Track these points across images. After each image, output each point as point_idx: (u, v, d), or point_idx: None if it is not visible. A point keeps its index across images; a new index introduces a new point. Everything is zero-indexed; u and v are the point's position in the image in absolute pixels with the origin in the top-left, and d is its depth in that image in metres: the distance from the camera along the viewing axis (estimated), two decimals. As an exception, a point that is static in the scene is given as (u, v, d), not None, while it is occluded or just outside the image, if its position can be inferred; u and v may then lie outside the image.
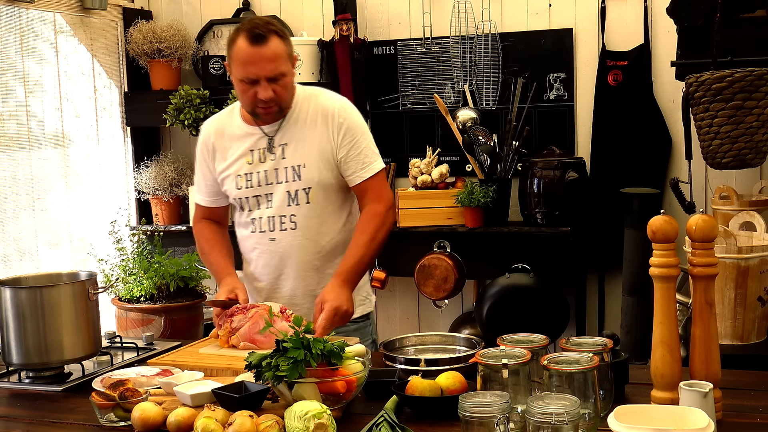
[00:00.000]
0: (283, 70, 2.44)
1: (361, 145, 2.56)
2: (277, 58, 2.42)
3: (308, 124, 2.55)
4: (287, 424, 1.73)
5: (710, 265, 1.86)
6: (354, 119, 2.58)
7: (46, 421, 2.00)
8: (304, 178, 2.54)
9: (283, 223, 2.58)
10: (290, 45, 2.50)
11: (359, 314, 2.65)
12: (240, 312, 2.40)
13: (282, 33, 2.46)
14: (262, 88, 2.43)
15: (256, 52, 2.40)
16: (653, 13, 3.89)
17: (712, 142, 3.22)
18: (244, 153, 2.60)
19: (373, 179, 2.58)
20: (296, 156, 2.55)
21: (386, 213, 2.58)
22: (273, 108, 2.49)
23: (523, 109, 4.04)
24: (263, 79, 2.42)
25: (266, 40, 2.40)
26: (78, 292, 2.30)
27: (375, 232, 2.53)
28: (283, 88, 2.46)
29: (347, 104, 2.62)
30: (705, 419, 1.56)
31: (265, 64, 2.41)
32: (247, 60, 2.41)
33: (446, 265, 3.89)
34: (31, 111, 3.93)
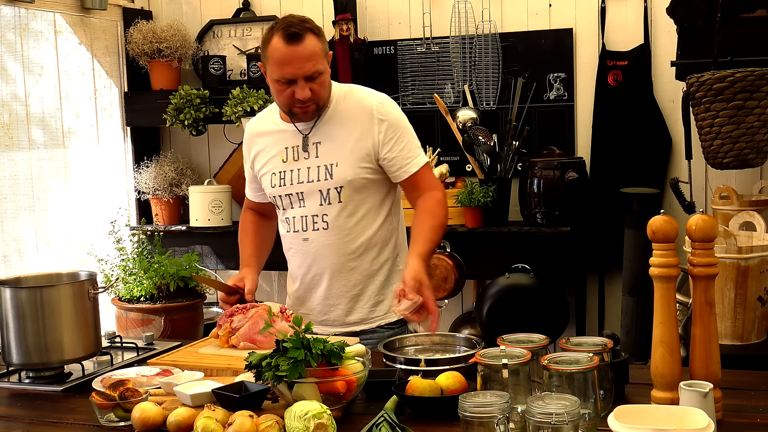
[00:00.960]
0: (320, 68, 2.40)
1: (404, 140, 2.53)
2: (314, 56, 2.38)
3: (344, 121, 2.51)
4: (287, 424, 1.73)
5: (710, 265, 1.86)
6: (394, 114, 2.54)
7: (46, 421, 2.00)
8: (336, 176, 2.50)
9: (315, 223, 2.54)
10: (325, 42, 2.46)
11: (395, 319, 2.60)
12: (240, 312, 2.40)
13: (317, 30, 2.43)
14: (299, 87, 2.40)
15: (292, 51, 2.36)
16: (653, 13, 3.89)
17: (713, 142, 3.22)
18: (280, 151, 2.58)
19: (421, 171, 2.54)
20: (329, 154, 2.51)
21: (443, 200, 2.55)
22: (311, 107, 2.45)
23: (523, 109, 4.04)
24: (301, 79, 2.38)
25: (302, 38, 2.36)
26: (78, 292, 2.30)
27: (443, 217, 2.52)
28: (320, 86, 2.43)
29: (386, 99, 2.58)
30: (705, 419, 1.56)
31: (302, 63, 2.37)
32: (283, 60, 2.37)
33: (446, 265, 3.89)
34: (31, 111, 3.93)
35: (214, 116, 4.23)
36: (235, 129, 4.41)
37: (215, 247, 4.38)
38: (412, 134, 2.57)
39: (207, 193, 4.32)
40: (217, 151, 4.66)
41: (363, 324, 2.61)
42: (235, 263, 4.34)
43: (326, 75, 2.45)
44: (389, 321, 2.61)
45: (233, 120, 4.09)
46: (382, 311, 2.61)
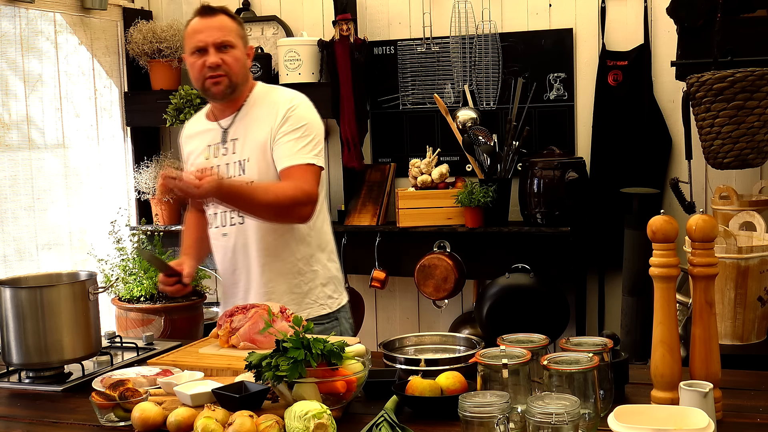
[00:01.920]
0: (231, 40, 2.52)
1: (296, 134, 2.51)
2: (225, 28, 2.53)
3: (258, 118, 2.58)
4: (287, 424, 1.73)
5: (710, 265, 1.86)
6: (301, 113, 2.56)
7: (46, 421, 2.00)
8: (248, 172, 2.55)
9: (233, 218, 2.60)
10: (242, 27, 2.60)
11: (315, 315, 2.62)
12: (240, 312, 2.40)
13: (235, 16, 2.59)
14: (211, 54, 2.51)
15: (204, 22, 2.53)
16: (653, 13, 3.89)
17: (713, 142, 3.22)
18: (204, 149, 2.66)
19: (296, 168, 2.49)
20: (242, 151, 2.57)
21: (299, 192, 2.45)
22: (223, 79, 2.53)
23: (523, 109, 4.04)
24: (211, 46, 2.51)
25: (215, 13, 2.54)
26: (78, 292, 2.30)
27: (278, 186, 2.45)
28: (233, 59, 2.52)
29: (300, 100, 2.60)
30: (705, 419, 1.56)
31: (213, 31, 2.51)
32: (195, 30, 2.54)
33: (446, 265, 3.89)
34: (31, 111, 3.93)
35: (214, 116, 4.23)
36: (235, 129, 4.41)
37: (215, 247, 4.37)
38: (313, 138, 2.54)
39: (207, 193, 4.31)
40: (217, 151, 4.65)
41: None
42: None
43: (239, 52, 2.55)
44: (310, 317, 2.60)
45: (233, 120, 4.08)
46: (301, 307, 2.62)
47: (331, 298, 2.71)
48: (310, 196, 2.49)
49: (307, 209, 2.50)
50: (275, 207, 2.45)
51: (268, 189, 2.45)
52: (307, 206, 2.50)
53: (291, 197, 2.45)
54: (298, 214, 2.50)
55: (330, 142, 4.41)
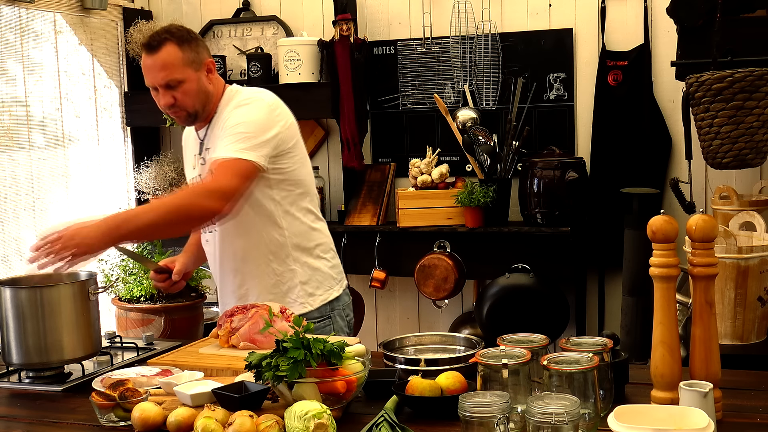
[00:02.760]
0: (178, 77, 2.43)
1: (234, 130, 2.40)
2: (169, 65, 2.43)
3: (222, 126, 2.51)
4: (287, 424, 1.73)
5: (710, 265, 1.86)
6: (243, 111, 2.46)
7: (46, 421, 2.00)
8: None
9: (211, 228, 2.60)
10: (192, 50, 2.46)
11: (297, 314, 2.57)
12: (240, 312, 2.40)
13: (180, 39, 2.45)
14: (161, 94, 2.47)
15: (148, 60, 2.45)
16: (653, 13, 3.89)
17: (712, 142, 3.22)
18: (190, 158, 2.68)
19: (222, 161, 2.36)
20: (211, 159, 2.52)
21: (201, 192, 2.33)
22: (180, 113, 2.51)
23: (523, 109, 4.04)
24: (159, 87, 2.46)
25: (157, 48, 2.43)
26: (78, 292, 2.30)
27: (172, 199, 2.36)
28: (183, 94, 2.46)
29: (251, 99, 2.50)
30: (705, 419, 1.56)
31: (156, 72, 2.44)
32: (144, 70, 2.48)
33: (446, 265, 3.89)
34: (31, 111, 3.93)
35: (214, 116, 4.23)
36: (235, 129, 4.41)
37: (215, 247, 4.37)
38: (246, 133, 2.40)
39: (207, 193, 4.31)
40: (217, 151, 4.65)
41: None
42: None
43: (190, 84, 2.45)
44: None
45: (233, 120, 4.08)
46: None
47: (313, 295, 2.64)
48: (218, 189, 2.32)
49: (216, 202, 2.31)
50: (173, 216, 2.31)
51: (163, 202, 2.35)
52: (217, 198, 2.31)
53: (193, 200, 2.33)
54: (205, 210, 2.32)
55: (330, 142, 4.42)
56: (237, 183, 2.36)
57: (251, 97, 2.54)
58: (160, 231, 2.42)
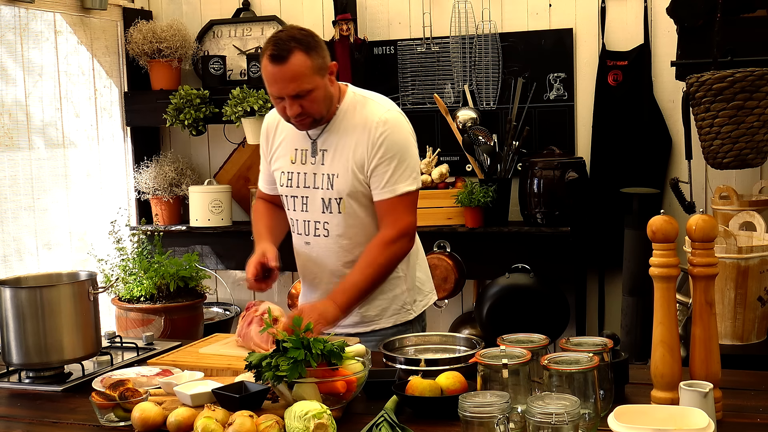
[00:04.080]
0: (307, 87, 2.36)
1: (392, 163, 2.45)
2: (299, 76, 2.34)
3: (349, 133, 2.48)
4: (287, 424, 1.73)
5: (710, 265, 1.86)
6: (395, 135, 2.46)
7: (46, 421, 2.00)
8: (336, 188, 2.49)
9: (317, 229, 2.56)
10: (319, 56, 2.39)
11: (391, 324, 2.61)
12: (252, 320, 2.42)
13: (308, 45, 2.36)
14: (288, 104, 2.39)
15: (277, 71, 2.35)
16: (653, 13, 3.89)
17: (713, 142, 3.22)
18: (290, 150, 2.59)
19: (393, 201, 2.46)
20: (333, 164, 2.50)
21: (395, 240, 2.46)
22: (306, 120, 2.43)
23: (523, 109, 4.04)
24: (288, 97, 2.38)
25: (286, 59, 2.33)
26: (78, 292, 2.30)
27: (376, 258, 2.44)
28: (311, 102, 2.39)
29: (392, 116, 2.49)
30: (705, 419, 1.56)
31: (286, 83, 2.35)
32: (270, 79, 2.37)
33: (446, 265, 3.89)
34: (31, 111, 3.93)
35: (214, 116, 4.23)
36: (235, 129, 4.41)
37: (215, 247, 4.38)
38: (406, 159, 2.49)
39: (207, 193, 4.32)
40: (217, 151, 4.66)
41: (359, 327, 2.61)
42: (235, 263, 4.36)
43: (318, 91, 2.39)
44: (384, 326, 2.60)
45: (233, 120, 4.09)
46: (380, 317, 2.60)
47: (416, 302, 2.67)
48: (405, 229, 2.48)
49: (405, 243, 2.50)
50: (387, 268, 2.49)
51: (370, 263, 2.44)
52: (404, 240, 2.49)
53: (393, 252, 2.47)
54: (401, 255, 2.51)
55: (330, 142, 4.41)
56: (414, 217, 2.54)
57: (392, 113, 2.50)
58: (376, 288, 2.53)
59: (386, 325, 2.60)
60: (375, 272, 2.46)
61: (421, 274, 2.70)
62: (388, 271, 2.50)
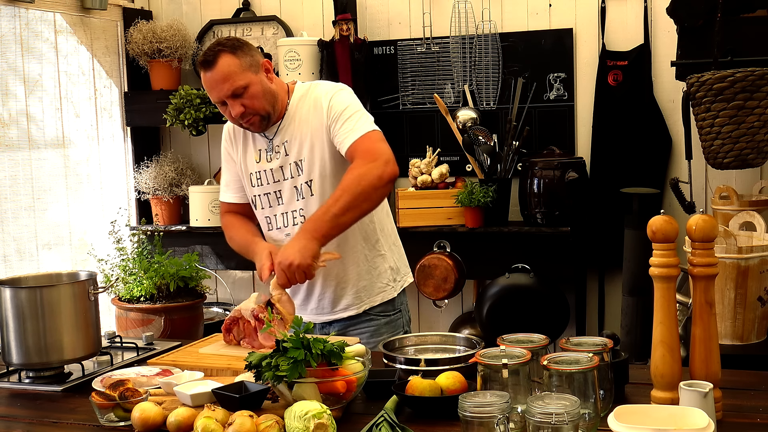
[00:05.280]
0: (241, 83, 2.45)
1: (347, 115, 2.50)
2: (229, 75, 2.44)
3: (303, 118, 2.56)
4: (287, 424, 1.73)
5: (710, 265, 1.86)
6: (342, 97, 2.54)
7: (46, 421, 2.00)
8: (305, 170, 2.56)
9: (295, 218, 2.59)
10: (247, 55, 2.48)
11: (378, 302, 2.65)
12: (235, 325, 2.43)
13: (231, 47, 2.46)
14: (230, 106, 2.48)
15: (209, 76, 2.46)
16: (653, 13, 3.89)
17: (713, 142, 3.22)
18: (254, 152, 2.64)
19: (360, 140, 2.47)
20: (296, 151, 2.56)
21: (365, 162, 2.42)
22: (253, 119, 2.51)
23: (523, 109, 4.04)
24: (227, 99, 2.47)
25: (213, 63, 2.45)
26: (78, 292, 2.30)
27: (350, 183, 2.39)
28: (251, 99, 2.47)
29: (339, 88, 2.59)
30: (705, 419, 1.56)
31: (220, 84, 2.45)
32: (207, 86, 2.49)
33: (446, 265, 3.89)
34: (31, 111, 3.93)
35: (214, 116, 4.23)
36: (235, 129, 4.41)
37: (215, 247, 4.38)
38: (361, 113, 2.53)
39: (207, 193, 4.32)
40: (217, 151, 4.61)
41: (350, 309, 2.65)
42: (236, 263, 4.36)
43: (254, 87, 2.47)
44: (374, 304, 2.65)
45: (233, 120, 4.09)
46: (368, 295, 2.65)
47: (396, 280, 2.72)
48: (379, 155, 2.44)
49: (379, 165, 2.42)
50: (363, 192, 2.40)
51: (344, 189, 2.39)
52: (377, 163, 2.42)
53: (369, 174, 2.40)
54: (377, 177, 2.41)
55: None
56: (386, 147, 2.50)
57: (339, 85, 2.60)
58: (354, 215, 2.43)
59: (374, 303, 2.64)
60: (348, 196, 2.38)
61: (398, 256, 2.75)
62: (362, 192, 2.40)
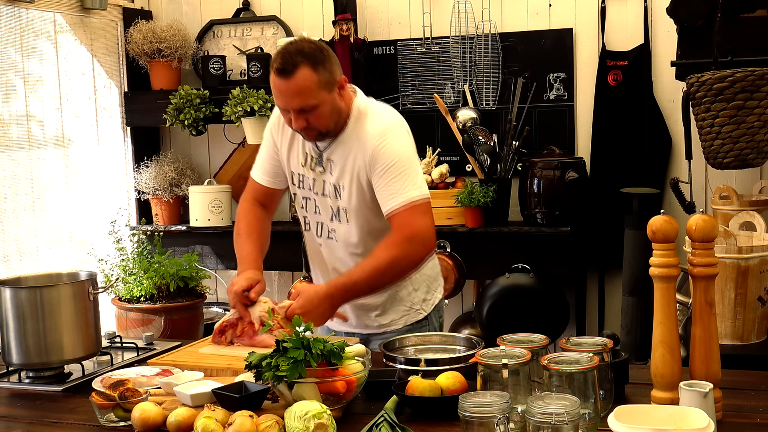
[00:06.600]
0: (312, 102, 2.33)
1: (393, 174, 2.40)
2: (304, 91, 2.32)
3: (352, 146, 2.45)
4: (287, 424, 1.73)
5: (710, 265, 1.86)
6: (391, 147, 2.41)
7: (46, 421, 2.00)
8: (343, 199, 2.49)
9: (329, 234, 2.56)
10: (327, 71, 2.35)
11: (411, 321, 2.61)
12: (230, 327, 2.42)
13: (314, 61, 2.32)
14: (293, 117, 2.37)
15: (282, 85, 2.33)
16: (653, 13, 3.89)
17: (713, 142, 3.22)
18: (301, 152, 2.55)
19: (399, 211, 2.39)
20: (338, 176, 2.48)
21: (401, 243, 2.38)
22: (311, 133, 2.42)
23: (523, 109, 4.04)
24: (292, 111, 2.36)
25: (291, 73, 2.30)
26: (78, 292, 2.30)
27: (379, 261, 2.39)
28: (317, 117, 2.36)
29: (390, 129, 2.44)
30: (705, 419, 1.56)
31: (291, 98, 2.33)
32: (276, 92, 2.36)
33: (446, 265, 3.89)
34: (31, 111, 3.93)
35: (214, 116, 4.23)
36: (235, 129, 4.41)
37: (215, 247, 4.38)
38: (407, 169, 2.42)
39: (207, 193, 4.32)
40: (217, 151, 4.66)
41: (370, 329, 2.63)
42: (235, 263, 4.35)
43: (324, 107, 2.36)
44: (395, 328, 2.61)
45: (233, 120, 4.09)
46: (388, 319, 2.61)
47: (425, 301, 2.66)
48: (413, 233, 2.39)
49: (416, 247, 2.41)
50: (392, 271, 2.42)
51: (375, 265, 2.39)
52: (415, 244, 2.40)
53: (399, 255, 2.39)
54: (410, 259, 2.43)
55: (330, 142, 4.41)
56: (429, 222, 2.43)
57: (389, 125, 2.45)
58: (379, 289, 2.50)
59: (397, 327, 2.60)
60: (379, 274, 2.41)
61: (429, 272, 2.68)
62: (393, 274, 2.44)
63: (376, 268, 2.40)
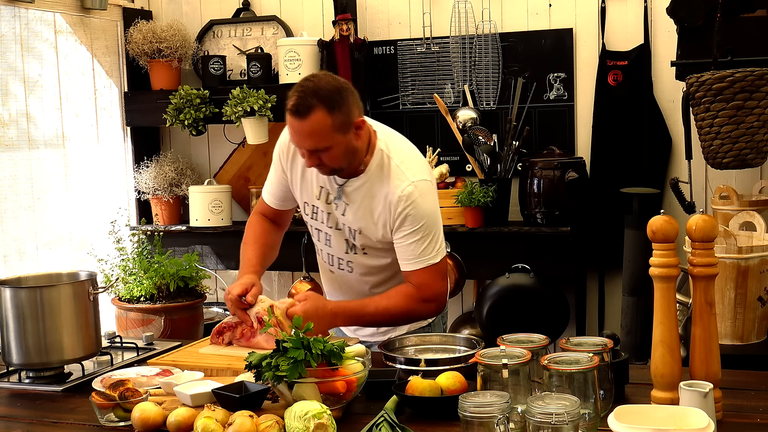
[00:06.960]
0: (326, 144, 2.29)
1: (414, 238, 2.39)
2: (317, 133, 2.27)
3: (373, 194, 2.42)
4: (287, 424, 1.73)
5: (710, 265, 1.86)
6: (418, 211, 2.39)
7: (46, 421, 2.00)
8: (359, 240, 2.48)
9: (341, 265, 2.57)
10: (342, 113, 2.29)
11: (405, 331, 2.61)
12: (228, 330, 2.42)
13: (330, 103, 2.26)
14: (306, 155, 2.34)
15: (296, 125, 2.28)
16: (653, 13, 3.89)
17: (713, 142, 3.22)
18: (316, 184, 2.51)
19: (422, 271, 2.42)
20: (355, 220, 2.46)
21: (421, 302, 2.44)
22: (324, 170, 2.39)
23: (523, 109, 4.04)
24: (305, 150, 2.33)
25: (304, 115, 2.26)
26: (78, 292, 2.30)
27: (394, 306, 2.44)
28: (330, 158, 2.32)
29: (417, 190, 2.39)
30: (705, 419, 1.56)
31: (304, 138, 2.30)
32: (290, 129, 2.33)
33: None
34: (31, 111, 3.93)
35: (214, 116, 4.23)
36: (235, 129, 4.41)
37: (215, 247, 4.38)
38: (429, 233, 2.41)
39: (207, 193, 4.32)
40: (217, 151, 4.66)
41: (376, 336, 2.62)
42: (236, 263, 4.35)
43: (337, 148, 2.31)
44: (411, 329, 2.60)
45: (233, 120, 4.09)
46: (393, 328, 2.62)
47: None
48: (428, 295, 2.44)
49: (431, 307, 2.48)
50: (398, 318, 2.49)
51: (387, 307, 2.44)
52: (431, 304, 2.46)
53: (411, 309, 2.45)
54: (422, 316, 2.53)
55: (330, 142, 4.41)
56: (444, 285, 2.49)
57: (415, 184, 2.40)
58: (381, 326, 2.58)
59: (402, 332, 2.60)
60: (388, 316, 2.48)
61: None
62: (401, 322, 2.53)
63: (388, 310, 2.44)
